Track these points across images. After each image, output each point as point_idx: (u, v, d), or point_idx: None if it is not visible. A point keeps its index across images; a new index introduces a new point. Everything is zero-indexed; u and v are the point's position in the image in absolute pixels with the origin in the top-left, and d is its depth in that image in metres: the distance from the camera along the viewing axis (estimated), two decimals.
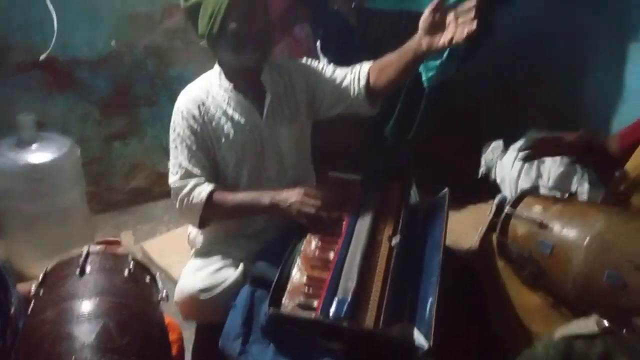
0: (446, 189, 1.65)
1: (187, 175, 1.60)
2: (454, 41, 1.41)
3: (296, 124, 1.72)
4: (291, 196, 1.53)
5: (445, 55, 2.15)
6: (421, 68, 2.20)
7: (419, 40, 1.49)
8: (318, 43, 2.78)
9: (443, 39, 1.44)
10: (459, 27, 1.40)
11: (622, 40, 2.14)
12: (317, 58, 2.78)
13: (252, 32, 1.56)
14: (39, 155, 2.01)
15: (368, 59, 2.48)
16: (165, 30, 2.43)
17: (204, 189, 1.57)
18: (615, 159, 1.53)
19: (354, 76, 1.68)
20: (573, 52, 2.37)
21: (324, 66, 1.75)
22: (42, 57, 2.15)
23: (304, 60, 1.78)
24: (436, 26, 1.45)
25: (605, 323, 1.09)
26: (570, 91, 2.41)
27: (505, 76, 2.64)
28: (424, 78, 2.22)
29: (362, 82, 1.66)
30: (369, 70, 1.67)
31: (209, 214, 1.60)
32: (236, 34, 1.55)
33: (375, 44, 2.33)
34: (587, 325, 1.11)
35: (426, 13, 1.46)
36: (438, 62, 2.17)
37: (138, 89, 2.50)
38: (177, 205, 1.62)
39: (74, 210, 2.17)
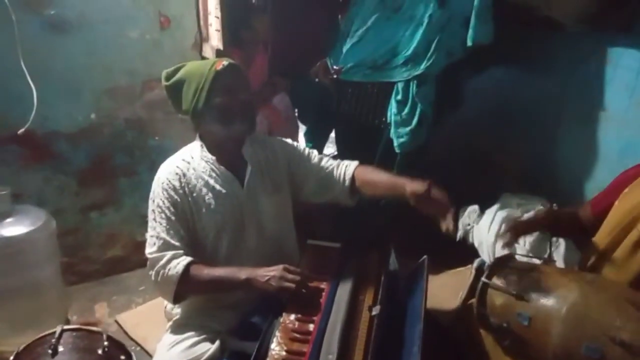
0: (425, 257, 1.66)
1: (165, 246, 1.58)
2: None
3: (278, 196, 1.75)
4: (270, 271, 1.51)
5: (415, 122, 2.25)
6: (392, 134, 2.28)
7: (405, 194, 1.60)
8: (296, 111, 2.87)
9: (429, 212, 1.56)
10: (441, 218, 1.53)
11: (588, 109, 2.23)
12: (297, 126, 2.86)
13: (237, 104, 1.62)
14: (13, 228, 1.98)
15: (344, 125, 2.56)
16: (146, 102, 2.48)
17: (181, 262, 1.55)
18: (585, 228, 1.58)
19: (340, 175, 1.78)
20: (541, 119, 2.46)
21: (310, 153, 1.82)
22: (21, 131, 2.16)
23: (289, 141, 1.85)
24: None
25: None
26: (540, 156, 2.49)
27: (476, 142, 2.71)
28: (395, 144, 2.29)
29: (347, 183, 1.77)
30: (354, 173, 1.77)
31: (184, 288, 1.56)
32: (222, 107, 1.61)
33: (349, 110, 2.43)
34: None
35: (409, 192, 1.58)
36: (409, 129, 2.26)
37: (117, 160, 2.52)
38: (153, 277, 1.59)
39: (48, 284, 2.12)
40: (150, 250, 1.60)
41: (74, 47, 2.28)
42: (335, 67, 2.41)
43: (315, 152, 1.84)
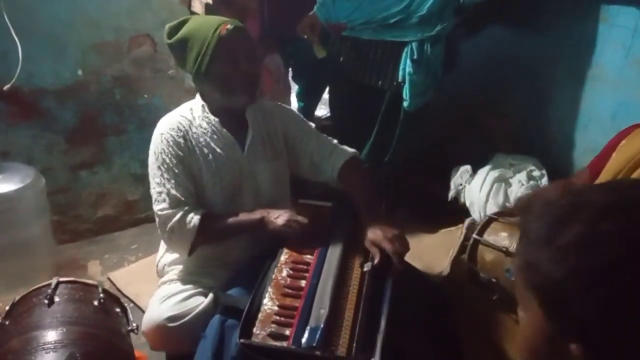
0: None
1: (177, 203, 1.56)
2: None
3: (276, 163, 1.72)
4: (281, 213, 1.55)
5: (429, 81, 2.26)
6: (407, 94, 2.25)
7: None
8: (290, 72, 2.82)
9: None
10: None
11: (583, 68, 2.22)
12: (289, 87, 2.82)
13: (239, 74, 1.57)
14: (1, 185, 1.96)
15: (339, 86, 2.50)
16: (134, 59, 2.42)
17: (195, 216, 1.55)
18: None
19: (330, 165, 1.73)
20: (535, 80, 2.45)
21: (308, 131, 1.78)
22: (6, 87, 2.11)
23: (289, 111, 1.82)
24: None
25: None
26: (534, 117, 2.48)
27: (470, 103, 2.70)
28: (408, 103, 2.26)
29: (335, 174, 1.73)
30: (344, 166, 1.72)
31: (201, 239, 1.57)
32: (223, 76, 1.56)
33: (347, 68, 2.39)
34: None
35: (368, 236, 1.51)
36: (424, 88, 2.26)
37: (105, 118, 2.47)
38: (167, 235, 1.58)
39: (39, 241, 2.12)
40: (160, 206, 1.58)
41: (59, 0, 2.20)
42: (336, 23, 2.33)
43: (312, 128, 1.80)
